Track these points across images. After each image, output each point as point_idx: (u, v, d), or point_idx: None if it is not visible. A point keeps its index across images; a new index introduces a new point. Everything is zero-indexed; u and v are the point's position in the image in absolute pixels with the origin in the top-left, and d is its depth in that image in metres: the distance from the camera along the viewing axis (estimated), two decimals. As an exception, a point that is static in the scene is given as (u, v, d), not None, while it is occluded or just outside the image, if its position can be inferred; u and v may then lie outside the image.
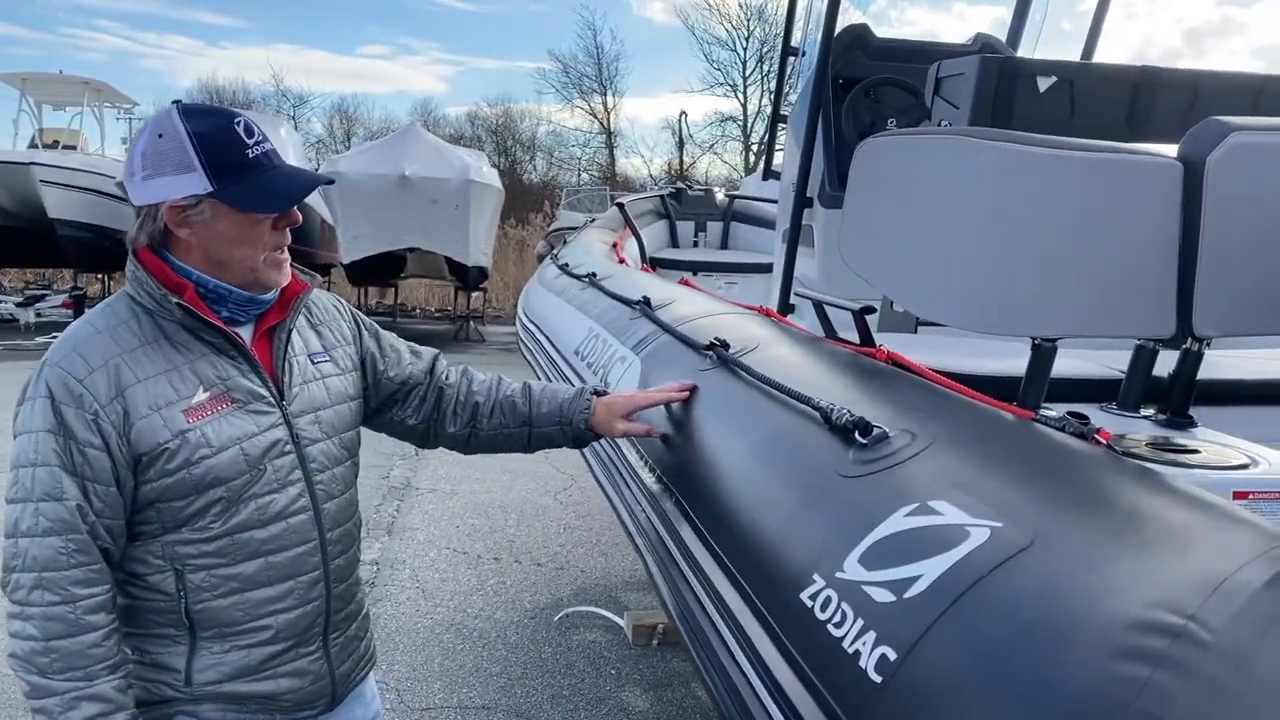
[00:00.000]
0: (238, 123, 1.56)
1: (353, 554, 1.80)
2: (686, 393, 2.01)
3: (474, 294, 17.93)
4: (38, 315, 17.01)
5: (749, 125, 39.96)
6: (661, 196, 7.16)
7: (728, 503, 1.63)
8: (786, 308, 3.66)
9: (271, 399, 1.63)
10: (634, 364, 2.51)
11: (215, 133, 1.54)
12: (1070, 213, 1.83)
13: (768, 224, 7.17)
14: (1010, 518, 1.07)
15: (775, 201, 7.33)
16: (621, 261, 5.11)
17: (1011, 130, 3.15)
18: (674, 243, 7.04)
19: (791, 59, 4.66)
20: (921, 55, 4.42)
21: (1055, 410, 1.80)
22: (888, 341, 2.10)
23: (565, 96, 41.76)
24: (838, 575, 1.18)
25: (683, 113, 45.24)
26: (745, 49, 39.31)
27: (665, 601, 1.80)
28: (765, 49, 39.06)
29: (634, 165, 42.30)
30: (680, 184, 7.67)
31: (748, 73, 39.50)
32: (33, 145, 18.35)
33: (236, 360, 1.61)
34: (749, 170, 36.46)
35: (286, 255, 1.65)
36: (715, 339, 2.13)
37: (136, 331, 1.55)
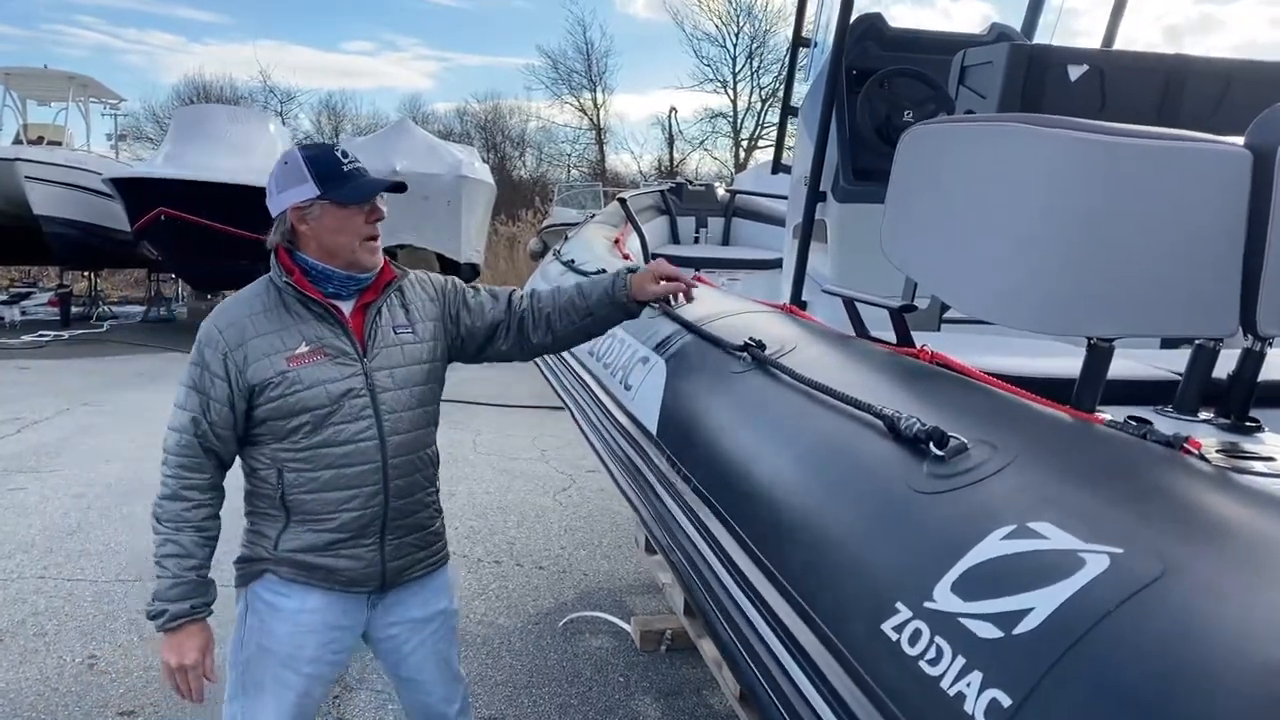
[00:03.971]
0: (337, 149, 2.19)
1: (415, 480, 2.27)
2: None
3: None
4: (23, 314, 16.77)
5: (739, 122, 39.87)
6: (662, 192, 7.03)
7: (781, 519, 1.51)
8: (799, 305, 3.55)
9: (355, 355, 2.17)
10: (658, 366, 2.38)
11: (321, 156, 2.15)
12: (1132, 204, 1.71)
13: (770, 220, 7.05)
14: (1132, 544, 0.96)
15: (776, 196, 7.25)
16: (626, 258, 4.99)
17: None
18: (675, 239, 6.91)
19: (802, 49, 4.53)
20: (936, 46, 4.31)
21: (1108, 414, 1.70)
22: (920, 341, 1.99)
23: (554, 92, 41.55)
24: (927, 605, 1.06)
25: (672, 109, 44.96)
26: (735, 45, 39.17)
27: (711, 623, 1.68)
28: (755, 45, 38.94)
29: (624, 161, 42.14)
30: (681, 179, 7.53)
31: (737, 69, 39.37)
32: (17, 141, 18.07)
33: (332, 325, 2.17)
34: (739, 167, 36.35)
35: (378, 243, 2.22)
36: (749, 339, 2.02)
37: (265, 301, 2.17)
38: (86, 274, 19.08)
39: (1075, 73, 2.97)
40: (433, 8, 60.34)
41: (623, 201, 5.98)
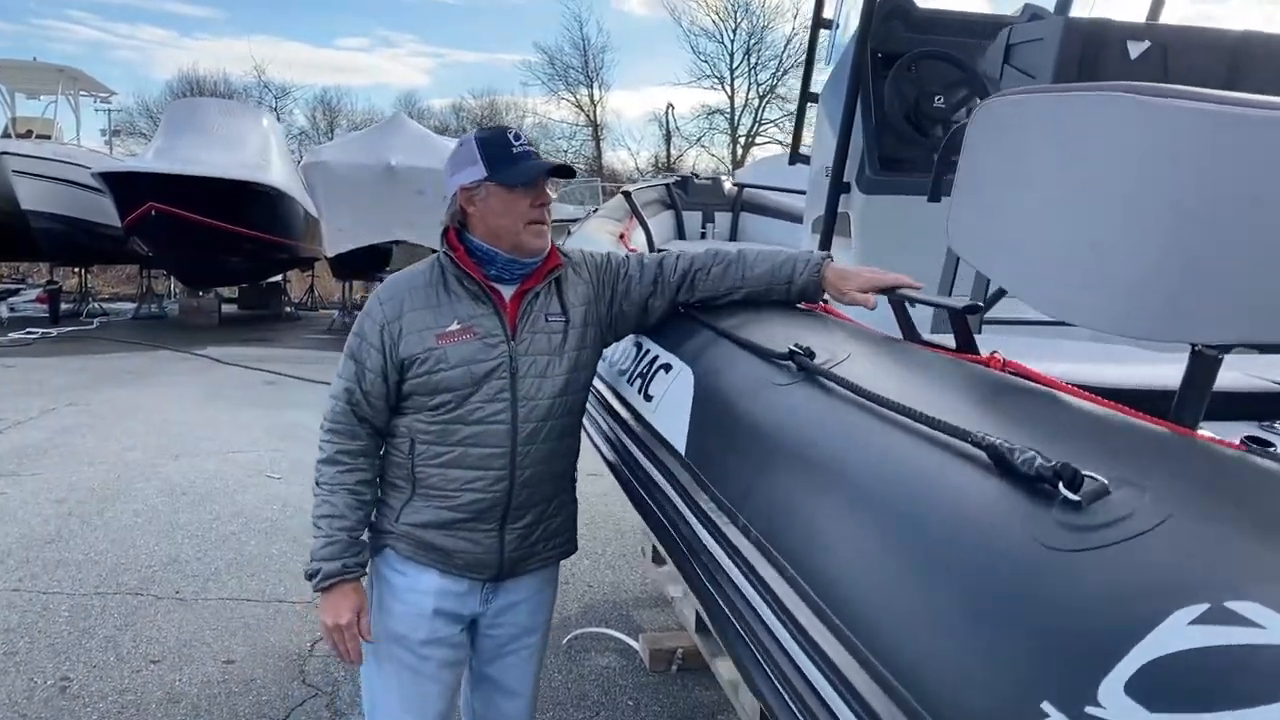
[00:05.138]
0: (509, 132, 2.21)
1: (545, 471, 2.25)
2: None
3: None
4: (11, 310, 16.45)
5: (736, 118, 39.62)
6: (667, 185, 6.75)
7: (860, 575, 1.24)
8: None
9: (504, 337, 2.18)
10: (683, 374, 2.11)
11: (493, 139, 2.19)
12: (1259, 189, 1.45)
13: (778, 215, 6.78)
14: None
15: (784, 190, 6.98)
16: (634, 253, 4.71)
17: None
18: (680, 234, 6.64)
19: (824, 32, 4.26)
20: (965, 28, 4.04)
21: (1207, 430, 1.45)
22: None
23: (551, 88, 41.31)
24: (1091, 712, 0.80)
25: (669, 105, 44.73)
26: (732, 41, 38.91)
27: (760, 691, 1.41)
28: (752, 41, 38.68)
29: (620, 158, 41.88)
30: (687, 172, 7.25)
31: (735, 65, 39.11)
32: (5, 135, 17.76)
33: (486, 306, 2.20)
34: (736, 164, 36.05)
35: (544, 227, 2.21)
36: (795, 345, 1.75)
37: (427, 278, 2.22)
38: (76, 270, 18.75)
39: (1135, 49, 2.71)
40: (428, 4, 60.08)
41: (628, 195, 5.70)
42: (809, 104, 4.40)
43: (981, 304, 1.88)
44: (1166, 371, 2.14)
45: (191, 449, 7.54)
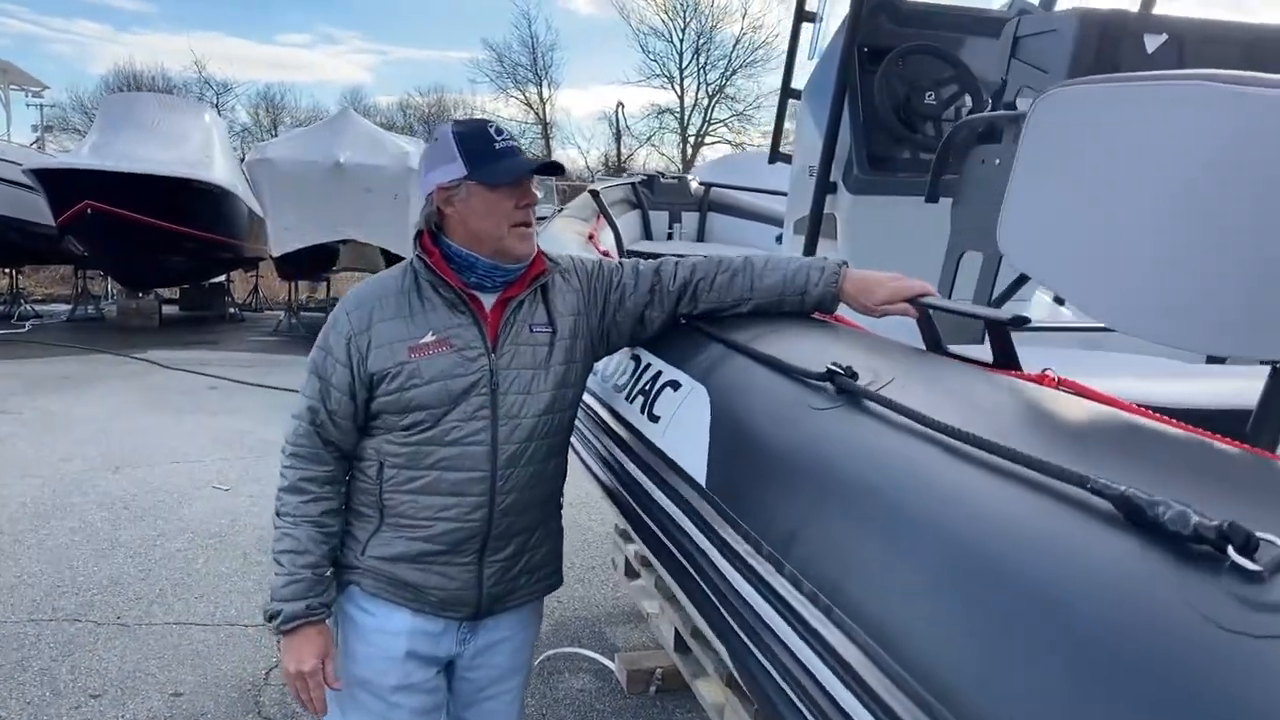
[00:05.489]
0: (490, 126, 2.02)
1: (529, 498, 2.06)
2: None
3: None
4: (-64, 313, 15.72)
5: (685, 118, 39.55)
6: (633, 185, 6.55)
7: (953, 644, 1.05)
8: None
9: (484, 349, 2.00)
10: (695, 393, 1.92)
11: (472, 133, 2.00)
12: None
13: (747, 215, 6.63)
14: None
15: (752, 190, 6.83)
16: (605, 254, 4.51)
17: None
18: (648, 234, 6.45)
19: (806, 25, 4.10)
20: (952, 22, 3.91)
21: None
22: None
23: (500, 86, 40.90)
24: None
25: (619, 104, 44.52)
26: (681, 40, 38.82)
27: None
28: (701, 41, 38.65)
29: (570, 157, 41.56)
30: (653, 171, 7.06)
31: (684, 64, 39.04)
32: (-71, 129, 16.98)
33: (464, 315, 2.01)
34: (687, 164, 35.96)
35: (530, 230, 2.03)
36: (833, 364, 1.56)
37: (399, 284, 2.03)
38: (7, 271, 18.00)
39: (1153, 43, 2.58)
40: (370, 0, 59.09)
41: (595, 194, 5.49)
42: (790, 100, 4.23)
43: (1028, 316, 1.71)
44: (1223, 387, 2.00)
45: (132, 459, 7.17)
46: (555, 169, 2.14)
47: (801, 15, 4.08)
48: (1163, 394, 1.77)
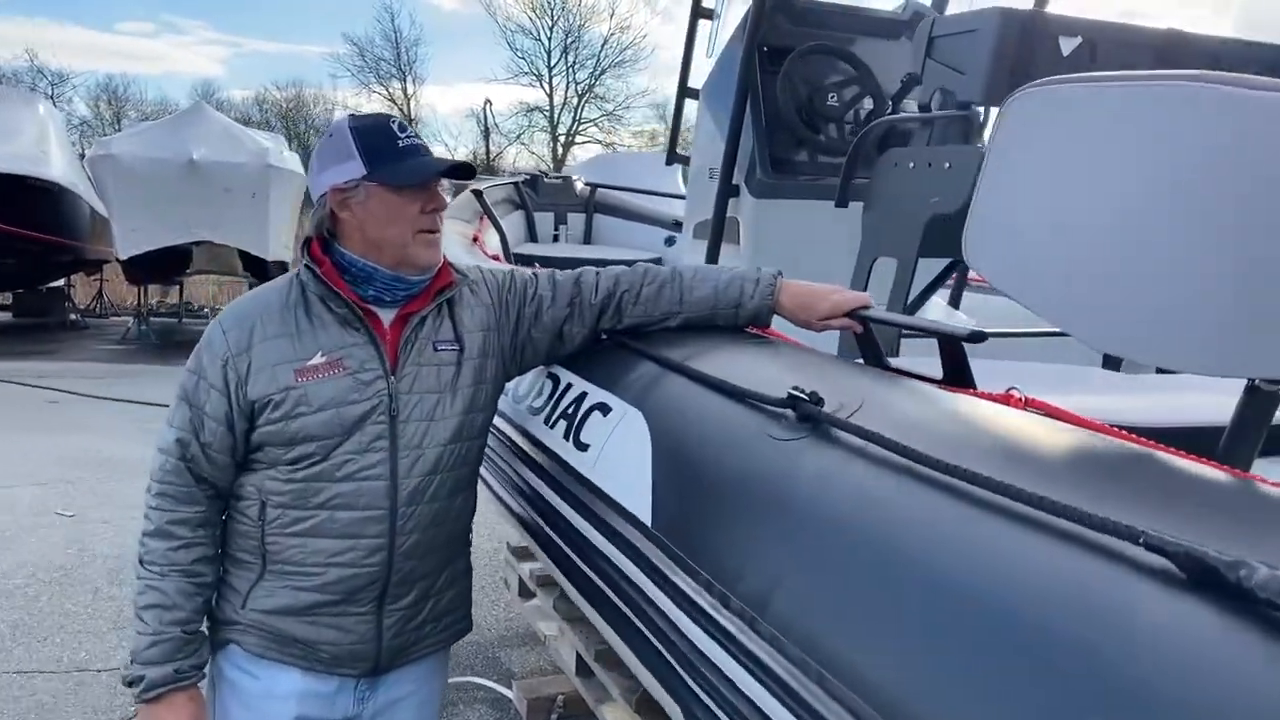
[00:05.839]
0: (392, 122, 1.83)
1: (434, 537, 1.86)
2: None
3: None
4: None
5: (555, 116, 39.30)
6: (516, 184, 6.31)
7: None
8: None
9: (381, 371, 1.80)
10: (630, 419, 1.74)
11: (372, 128, 1.81)
12: None
13: (635, 217, 6.49)
14: None
15: (639, 191, 6.69)
16: (495, 258, 4.29)
17: None
18: (532, 236, 6.22)
19: (704, 22, 3.97)
20: (847, 23, 3.85)
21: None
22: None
23: (362, 81, 39.72)
24: None
25: (487, 101, 43.89)
26: (550, 39, 38.54)
27: None
28: (570, 39, 38.47)
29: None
30: (537, 170, 6.82)
31: (553, 63, 38.77)
32: None
33: (359, 332, 1.80)
34: (558, 162, 35.71)
35: (437, 237, 1.83)
36: (795, 389, 1.41)
37: (283, 298, 1.81)
38: None
39: (1068, 45, 2.54)
40: (218, -11, 56.53)
41: (478, 194, 5.25)
42: (688, 100, 4.10)
43: (985, 333, 1.61)
44: (1185, 403, 1.95)
45: (-40, 485, 6.49)
46: (466, 171, 1.93)
47: (698, 12, 3.95)
48: (1140, 412, 1.71)
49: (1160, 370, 2.20)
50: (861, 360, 1.93)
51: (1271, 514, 1.07)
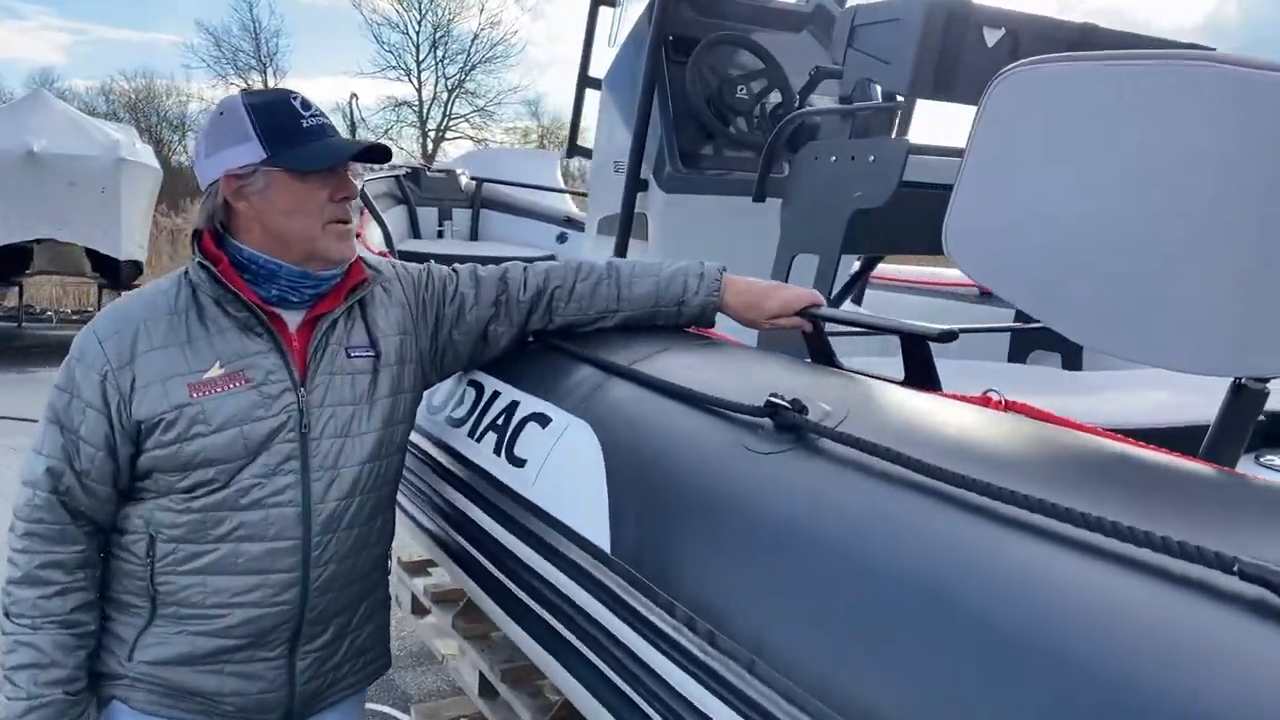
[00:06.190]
0: (294, 98, 1.63)
1: (352, 567, 1.68)
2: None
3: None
4: None
5: (425, 111, 38.46)
6: (397, 178, 6.01)
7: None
8: None
9: (289, 383, 1.60)
10: (574, 431, 1.56)
11: (271, 105, 1.61)
12: None
13: (523, 212, 6.29)
14: None
15: (524, 185, 6.49)
16: (383, 255, 4.03)
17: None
18: (416, 232, 5.93)
19: (605, 10, 3.81)
20: (750, 14, 3.76)
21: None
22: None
23: (218, 72, 37.88)
24: None
25: (354, 95, 42.57)
26: (418, 33, 37.66)
27: None
28: (439, 34, 37.70)
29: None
30: (419, 163, 6.53)
31: (421, 57, 37.90)
32: None
33: (263, 339, 1.60)
34: (428, 157, 34.92)
35: (349, 228, 1.65)
36: (774, 396, 1.27)
37: (171, 302, 1.59)
38: None
39: (992, 37, 2.50)
40: (59, -29, 53.03)
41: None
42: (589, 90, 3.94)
43: (956, 331, 1.51)
44: (1149, 401, 1.91)
45: None
46: (381, 154, 1.72)
47: (599, -1, 3.81)
48: (1119, 412, 1.66)
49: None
50: (810, 360, 1.82)
51: (1266, 507, 1.02)
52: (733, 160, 3.52)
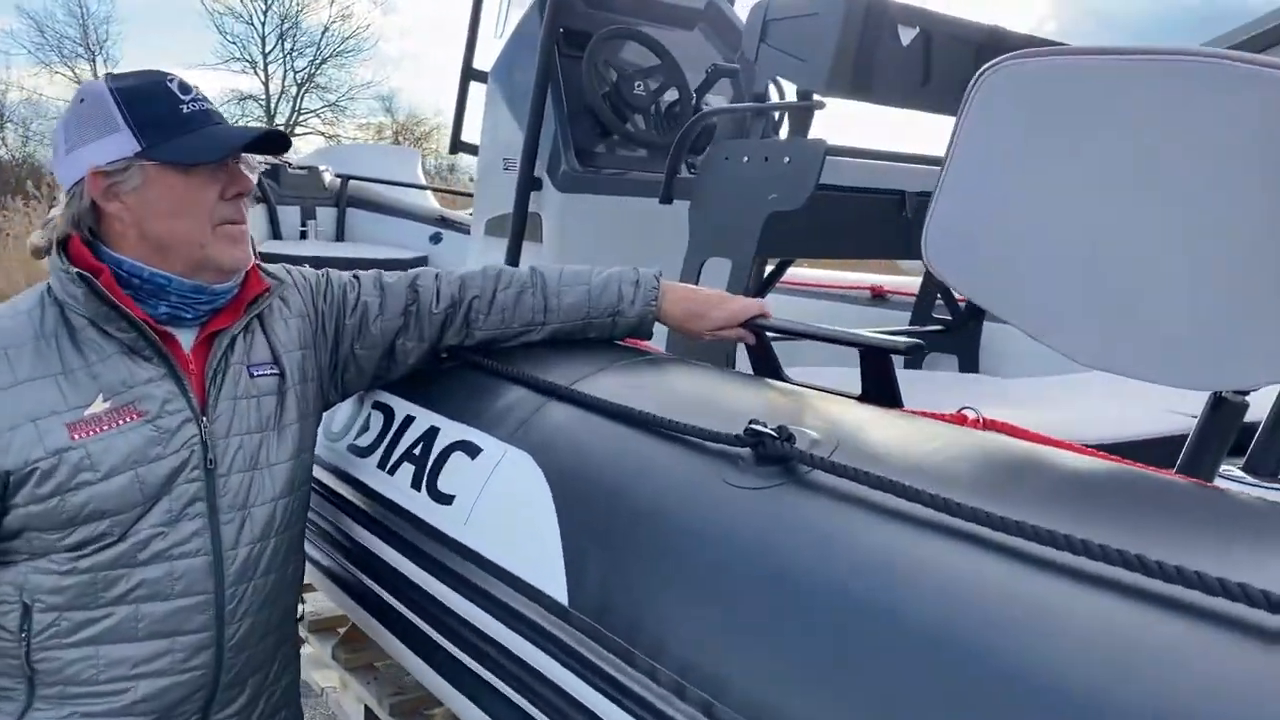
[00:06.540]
0: (170, 80, 1.41)
1: (266, 619, 1.49)
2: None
3: None
4: None
5: (272, 106, 36.87)
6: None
7: None
8: None
9: (190, 413, 1.39)
10: (516, 463, 1.37)
11: (143, 88, 1.39)
12: None
13: (393, 211, 6.00)
14: None
15: (391, 183, 6.19)
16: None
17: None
18: (276, 233, 5.56)
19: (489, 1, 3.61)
20: (642, 8, 3.64)
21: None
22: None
23: (41, 60, 35.26)
24: None
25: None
26: (264, 24, 36.06)
27: None
28: (286, 26, 36.23)
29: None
30: (279, 160, 6.13)
31: (268, 49, 36.32)
32: None
33: (152, 362, 1.38)
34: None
35: (244, 230, 1.44)
36: (756, 423, 1.14)
37: (36, 324, 1.35)
38: None
39: (906, 35, 2.44)
40: None
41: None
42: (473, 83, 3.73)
43: (923, 345, 1.41)
44: (1127, 414, 1.88)
45: None
46: (279, 143, 1.50)
47: (481, -13, 3.61)
48: (1093, 427, 1.61)
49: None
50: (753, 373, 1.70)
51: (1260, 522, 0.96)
52: (631, 159, 3.39)
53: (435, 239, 5.64)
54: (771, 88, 3.49)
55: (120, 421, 1.33)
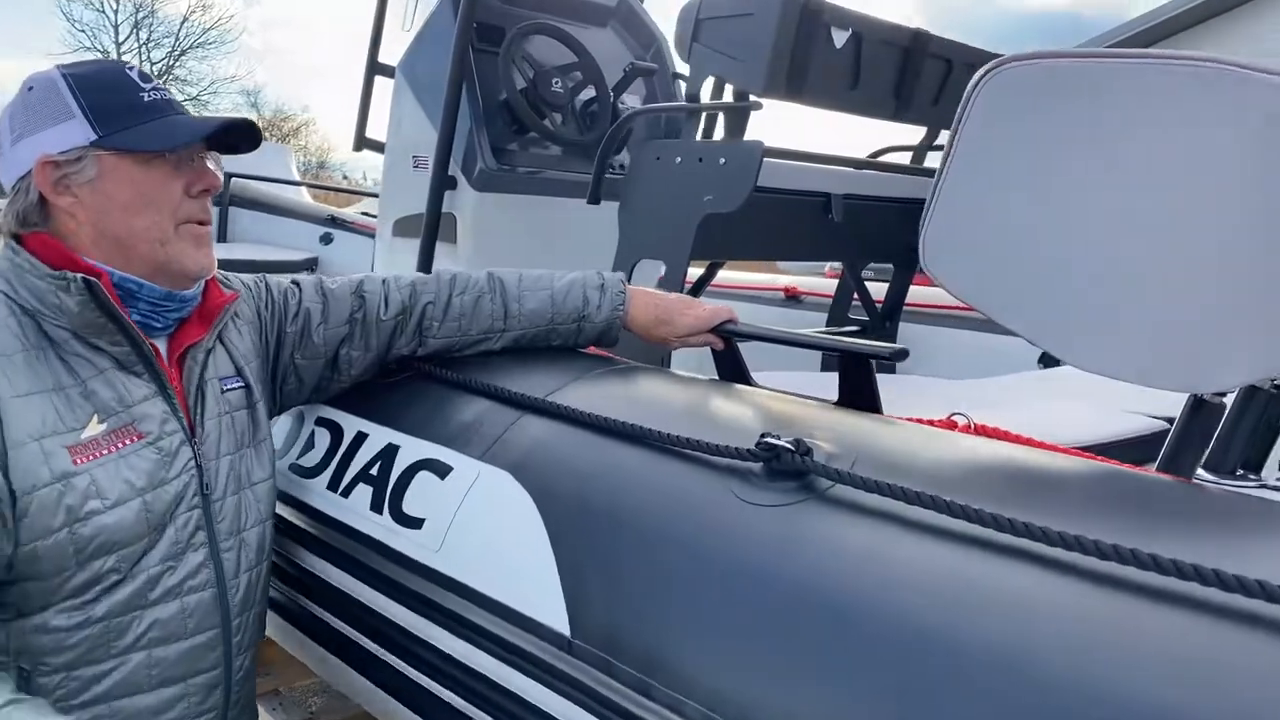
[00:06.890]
0: (129, 68, 1.29)
1: (259, 649, 1.45)
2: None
3: None
4: None
5: (128, 98, 35.10)
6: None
7: None
8: None
9: (184, 434, 1.29)
10: (496, 483, 1.28)
11: (100, 74, 1.27)
12: None
13: (279, 211, 5.73)
14: None
15: (275, 181, 5.91)
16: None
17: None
18: None
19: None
20: (558, 5, 3.55)
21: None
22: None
23: None
24: None
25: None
26: (116, 12, 34.21)
27: None
28: (141, 15, 34.49)
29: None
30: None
31: (121, 39, 34.47)
32: None
33: (143, 379, 1.27)
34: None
35: (209, 231, 1.32)
36: (770, 435, 1.08)
37: (18, 333, 1.19)
38: None
39: (840, 38, 2.44)
40: None
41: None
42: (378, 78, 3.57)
43: (906, 350, 1.39)
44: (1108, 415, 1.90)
45: None
46: (250, 133, 1.35)
47: (387, -25, 3.45)
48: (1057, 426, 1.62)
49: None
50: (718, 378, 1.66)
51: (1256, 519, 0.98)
52: (546, 158, 3.30)
53: (326, 240, 5.41)
54: (682, 85, 3.47)
55: (121, 444, 1.21)
